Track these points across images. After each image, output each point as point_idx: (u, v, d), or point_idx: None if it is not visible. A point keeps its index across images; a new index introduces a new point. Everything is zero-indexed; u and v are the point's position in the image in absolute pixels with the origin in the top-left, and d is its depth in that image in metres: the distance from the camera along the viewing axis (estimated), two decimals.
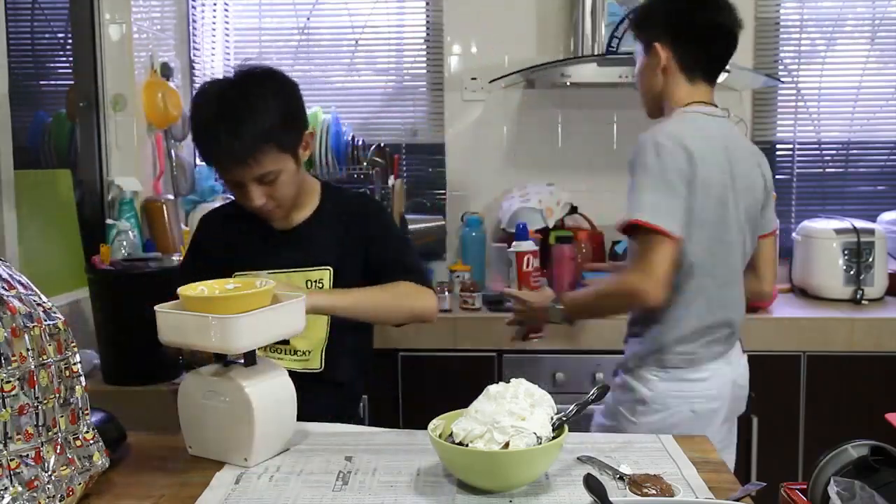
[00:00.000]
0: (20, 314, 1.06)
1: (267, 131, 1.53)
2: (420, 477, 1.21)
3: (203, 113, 1.57)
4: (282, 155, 1.57)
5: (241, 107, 1.53)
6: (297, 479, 1.22)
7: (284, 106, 1.57)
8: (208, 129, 1.55)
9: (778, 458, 2.60)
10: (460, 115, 3.19)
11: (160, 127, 2.84)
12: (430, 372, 2.59)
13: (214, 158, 1.58)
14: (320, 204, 1.73)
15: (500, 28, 3.13)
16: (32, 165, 2.43)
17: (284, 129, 1.56)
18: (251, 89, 1.55)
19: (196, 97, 1.61)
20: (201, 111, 1.57)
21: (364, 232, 1.71)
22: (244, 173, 1.55)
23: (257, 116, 1.52)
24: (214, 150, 1.56)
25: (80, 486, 1.12)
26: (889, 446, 1.02)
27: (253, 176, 1.55)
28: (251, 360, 1.30)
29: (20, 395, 1.04)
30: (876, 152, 3.24)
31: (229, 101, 1.54)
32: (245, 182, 1.57)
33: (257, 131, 1.52)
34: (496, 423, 1.13)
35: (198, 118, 1.58)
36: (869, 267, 2.80)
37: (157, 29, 2.92)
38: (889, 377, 2.57)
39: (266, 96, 1.55)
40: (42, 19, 2.65)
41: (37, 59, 2.71)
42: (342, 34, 3.26)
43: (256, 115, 1.52)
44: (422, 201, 3.23)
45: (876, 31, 3.15)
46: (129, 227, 2.50)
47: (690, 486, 1.16)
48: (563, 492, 1.15)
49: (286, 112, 1.57)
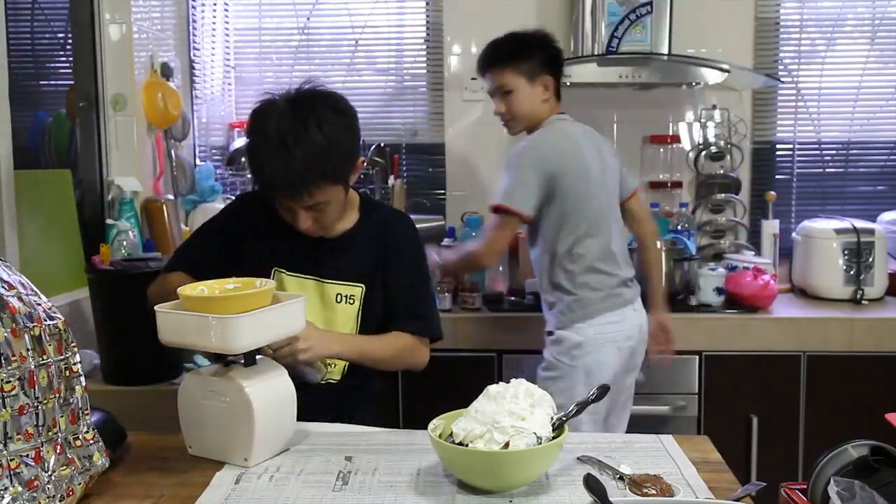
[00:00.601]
0: (20, 314, 1.06)
1: (323, 167, 1.50)
2: (420, 477, 1.21)
3: (260, 137, 1.52)
4: (334, 187, 1.55)
5: (300, 138, 1.48)
6: (297, 479, 1.22)
7: (341, 138, 1.53)
8: (264, 156, 1.51)
9: (778, 458, 2.60)
10: (460, 115, 3.19)
11: (160, 127, 2.84)
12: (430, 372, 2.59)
13: (267, 185, 1.55)
14: (361, 218, 1.71)
15: (500, 28, 3.10)
16: (32, 165, 2.43)
17: (339, 162, 1.54)
18: (310, 117, 1.50)
19: (254, 118, 1.55)
20: (258, 136, 1.53)
21: (392, 255, 1.70)
22: (295, 202, 1.54)
23: (315, 150, 1.48)
24: (269, 179, 1.52)
25: (80, 486, 1.12)
26: (889, 446, 1.02)
27: (303, 205, 1.55)
28: (251, 360, 1.30)
29: (20, 395, 1.04)
30: (876, 152, 3.24)
31: (288, 131, 1.48)
32: (295, 209, 1.56)
33: (313, 165, 1.48)
34: (496, 423, 1.13)
35: (255, 140, 1.54)
36: (869, 267, 2.80)
37: (157, 29, 2.92)
38: (889, 377, 2.58)
39: (323, 126, 1.50)
40: (42, 19, 2.65)
41: (37, 59, 2.71)
42: (342, 34, 3.26)
43: (315, 148, 1.48)
44: (422, 201, 3.23)
45: (876, 31, 3.15)
46: (129, 227, 2.49)
47: (690, 486, 1.16)
48: (563, 492, 1.15)
49: (342, 144, 1.53)
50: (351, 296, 1.67)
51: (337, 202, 1.59)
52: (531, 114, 2.25)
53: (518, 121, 2.27)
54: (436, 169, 3.25)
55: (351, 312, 1.67)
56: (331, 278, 1.67)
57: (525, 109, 2.24)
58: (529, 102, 2.24)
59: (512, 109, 2.25)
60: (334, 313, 1.66)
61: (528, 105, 2.24)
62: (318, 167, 1.50)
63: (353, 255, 1.68)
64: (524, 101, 2.23)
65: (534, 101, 2.24)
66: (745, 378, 2.57)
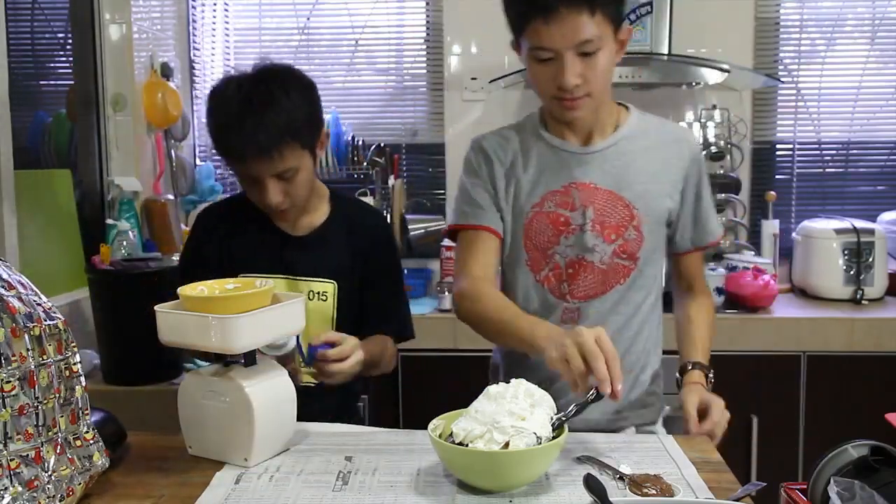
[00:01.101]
0: (20, 314, 1.06)
1: (291, 126, 1.52)
2: (420, 477, 1.21)
3: (226, 106, 1.54)
4: (302, 151, 1.56)
5: (266, 100, 1.51)
6: (297, 479, 1.22)
7: (306, 103, 1.57)
8: (232, 121, 1.52)
9: (778, 458, 2.60)
10: (460, 115, 3.19)
11: (160, 127, 2.84)
12: (430, 372, 2.60)
13: (237, 151, 1.54)
14: (331, 213, 1.72)
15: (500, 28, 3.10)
16: (32, 165, 2.43)
17: (307, 125, 1.56)
18: (274, 84, 1.54)
19: (216, 91, 1.58)
20: (223, 104, 1.55)
21: (367, 255, 1.71)
22: (266, 167, 1.53)
23: (282, 110, 1.51)
24: (238, 142, 1.52)
25: (80, 486, 1.12)
26: (889, 446, 1.02)
27: (274, 171, 1.54)
28: (251, 360, 1.30)
29: (20, 395, 1.04)
30: (876, 152, 3.24)
31: (254, 95, 1.52)
32: (264, 178, 1.55)
33: (282, 124, 1.51)
34: (496, 423, 1.13)
35: (220, 111, 1.56)
36: (869, 267, 2.80)
37: (157, 29, 2.92)
38: (889, 377, 2.58)
39: (289, 92, 1.54)
40: (42, 19, 2.65)
41: (37, 59, 2.71)
42: (342, 34, 3.26)
43: (281, 109, 1.51)
44: (422, 201, 3.23)
45: (876, 31, 3.15)
46: (129, 227, 2.50)
47: (690, 486, 1.16)
48: (563, 492, 1.15)
49: (308, 109, 1.57)
50: (323, 292, 1.67)
51: (306, 171, 1.59)
52: (608, 87, 1.54)
53: (595, 97, 1.48)
54: (436, 169, 3.25)
55: (325, 310, 1.67)
56: (303, 275, 1.66)
57: (608, 79, 1.50)
58: (611, 68, 1.48)
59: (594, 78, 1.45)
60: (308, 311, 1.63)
61: (609, 73, 1.49)
62: (286, 126, 1.51)
63: (326, 251, 1.68)
64: (609, 66, 1.47)
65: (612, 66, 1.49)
66: (745, 378, 2.57)
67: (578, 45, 1.40)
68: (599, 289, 1.57)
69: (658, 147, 1.60)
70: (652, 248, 1.59)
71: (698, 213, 1.63)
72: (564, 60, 1.41)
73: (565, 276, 1.58)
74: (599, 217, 1.55)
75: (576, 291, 1.58)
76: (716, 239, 1.67)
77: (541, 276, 1.59)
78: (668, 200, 1.59)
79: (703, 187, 1.62)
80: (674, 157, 1.60)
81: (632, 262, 1.57)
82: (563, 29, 1.39)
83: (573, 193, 1.56)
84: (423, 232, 2.95)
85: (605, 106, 1.58)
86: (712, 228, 1.66)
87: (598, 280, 1.57)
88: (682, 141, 1.63)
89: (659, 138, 1.61)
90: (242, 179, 1.61)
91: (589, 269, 1.56)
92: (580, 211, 1.55)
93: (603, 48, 1.43)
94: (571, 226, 1.56)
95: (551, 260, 1.58)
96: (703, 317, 1.67)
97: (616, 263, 1.57)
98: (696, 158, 1.62)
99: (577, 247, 1.56)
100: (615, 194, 1.56)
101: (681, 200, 1.61)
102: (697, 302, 1.70)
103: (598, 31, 1.40)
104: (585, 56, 1.42)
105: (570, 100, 1.46)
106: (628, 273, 1.58)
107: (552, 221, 1.57)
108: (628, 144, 1.58)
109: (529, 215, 1.58)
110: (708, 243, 1.66)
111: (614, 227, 1.56)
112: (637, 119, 1.62)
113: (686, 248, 1.66)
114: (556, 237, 1.57)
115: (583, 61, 1.42)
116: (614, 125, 1.60)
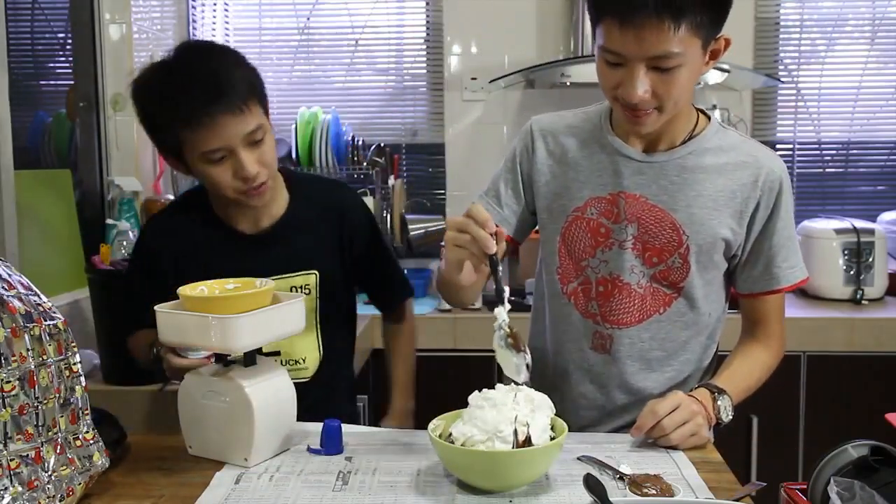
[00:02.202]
0: (20, 314, 1.06)
1: (251, 81, 1.43)
2: (420, 477, 1.21)
3: (174, 78, 1.39)
4: (263, 112, 1.45)
5: (222, 60, 1.42)
6: (297, 479, 1.22)
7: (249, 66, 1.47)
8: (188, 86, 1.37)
9: (778, 458, 2.60)
10: (460, 115, 3.19)
11: None
12: (430, 372, 2.59)
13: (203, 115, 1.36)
14: (291, 200, 1.58)
15: (500, 28, 3.13)
16: (32, 165, 2.43)
17: (260, 84, 1.47)
18: (215, 50, 1.47)
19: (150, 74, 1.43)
20: (170, 79, 1.40)
21: (343, 231, 1.61)
22: (237, 127, 1.38)
23: (238, 68, 1.43)
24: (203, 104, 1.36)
25: (80, 486, 1.12)
26: (889, 446, 1.02)
27: (245, 130, 1.39)
28: (251, 360, 1.30)
29: (20, 395, 1.04)
30: (876, 152, 3.24)
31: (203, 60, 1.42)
32: (236, 146, 1.39)
33: (244, 78, 1.42)
34: (499, 432, 1.12)
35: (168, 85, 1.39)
36: (869, 267, 2.80)
37: (157, 29, 2.92)
38: (889, 377, 2.58)
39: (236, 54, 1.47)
40: (42, 19, 2.65)
41: (37, 59, 2.71)
42: (342, 34, 3.26)
43: (238, 66, 1.43)
44: (422, 201, 3.23)
45: (876, 31, 3.15)
46: (129, 227, 2.49)
47: (690, 486, 1.16)
48: (563, 492, 1.15)
49: (253, 69, 1.47)
50: (305, 286, 1.56)
51: (270, 136, 1.47)
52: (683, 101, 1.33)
53: (667, 112, 1.31)
54: (436, 169, 3.25)
55: (308, 304, 1.53)
56: (278, 273, 1.53)
57: (686, 96, 1.32)
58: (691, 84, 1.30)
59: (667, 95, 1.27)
60: None
61: (689, 89, 1.31)
62: (248, 81, 1.42)
63: (295, 241, 1.56)
64: (689, 83, 1.29)
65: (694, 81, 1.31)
66: None
67: (653, 59, 1.22)
68: (636, 316, 1.41)
69: (728, 168, 1.38)
70: (704, 282, 1.42)
71: (768, 251, 1.40)
72: (634, 72, 1.23)
73: (594, 294, 1.43)
74: (643, 235, 1.38)
75: (608, 315, 1.42)
76: (788, 285, 1.43)
77: (568, 288, 1.46)
78: (726, 231, 1.38)
79: (777, 221, 1.39)
80: (742, 182, 1.38)
81: (674, 290, 1.41)
82: (638, 37, 1.19)
83: (620, 203, 1.39)
84: (423, 232, 2.95)
85: (682, 113, 1.37)
86: (783, 273, 1.41)
87: (636, 306, 1.41)
88: (758, 165, 1.38)
89: (732, 158, 1.39)
90: (205, 163, 1.42)
91: (625, 291, 1.40)
92: (623, 225, 1.39)
93: (687, 65, 1.23)
94: (611, 239, 1.40)
95: (582, 273, 1.43)
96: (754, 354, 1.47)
97: (655, 289, 1.41)
98: (771, 187, 1.38)
99: (612, 264, 1.40)
100: (665, 213, 1.38)
101: (746, 234, 1.40)
102: (756, 342, 1.48)
103: (682, 46, 1.20)
104: (661, 71, 1.23)
105: (634, 113, 1.29)
106: (669, 302, 1.41)
107: (591, 230, 1.41)
108: (695, 160, 1.39)
109: (569, 218, 1.43)
110: (774, 289, 1.43)
111: (657, 250, 1.38)
112: (714, 133, 1.41)
113: (752, 289, 1.44)
114: (593, 249, 1.41)
115: (657, 76, 1.24)
116: (686, 136, 1.40)
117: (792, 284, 1.43)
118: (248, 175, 1.42)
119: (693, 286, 1.41)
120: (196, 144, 1.40)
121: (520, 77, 3.01)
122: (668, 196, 1.38)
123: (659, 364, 1.45)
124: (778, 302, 1.46)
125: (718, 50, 1.31)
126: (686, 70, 1.24)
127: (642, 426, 1.29)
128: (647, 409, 1.30)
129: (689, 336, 1.45)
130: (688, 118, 1.40)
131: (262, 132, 1.43)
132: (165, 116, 1.41)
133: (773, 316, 1.47)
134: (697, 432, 1.29)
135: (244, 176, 1.42)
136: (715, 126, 1.43)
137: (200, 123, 1.37)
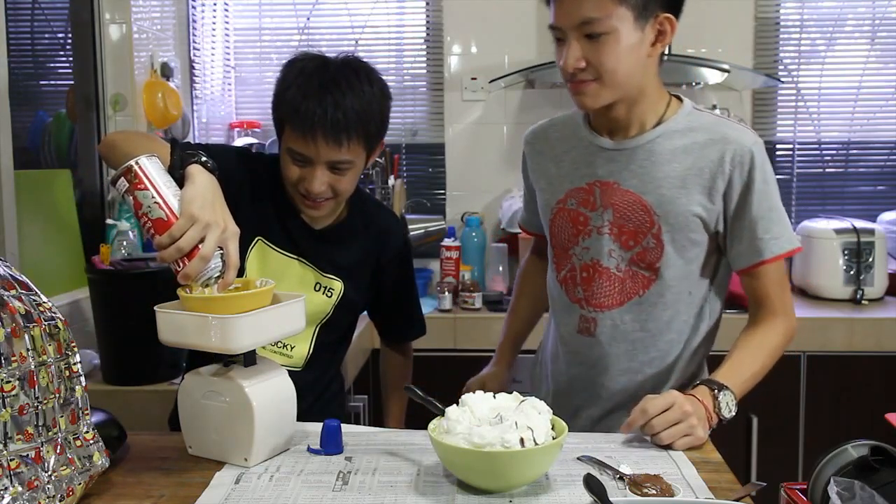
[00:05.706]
0: (20, 314, 1.06)
1: (364, 117, 1.45)
2: (420, 477, 1.21)
3: (309, 79, 1.45)
4: (362, 150, 1.50)
5: (352, 85, 1.45)
6: (297, 479, 1.22)
7: (382, 103, 1.51)
8: (312, 94, 1.43)
9: (778, 458, 2.60)
10: (460, 115, 3.19)
11: (160, 127, 2.84)
12: (430, 372, 2.59)
13: (307, 126, 1.42)
14: (350, 210, 1.65)
15: (500, 28, 3.13)
16: (32, 165, 2.43)
17: (376, 123, 1.50)
18: (361, 74, 1.48)
19: (298, 62, 1.49)
20: (307, 77, 1.45)
21: (382, 256, 1.68)
22: (327, 151, 1.44)
23: (362, 100, 1.45)
24: (311, 117, 1.42)
25: (80, 486, 1.12)
26: (889, 446, 1.02)
27: (331, 158, 1.45)
28: (251, 360, 1.30)
29: (20, 395, 1.04)
30: (876, 152, 3.24)
31: (340, 77, 1.45)
32: (317, 162, 1.46)
33: (359, 111, 1.44)
34: (506, 442, 1.12)
35: (302, 81, 1.45)
36: (869, 267, 2.80)
37: (157, 29, 2.92)
38: (889, 377, 2.58)
39: (372, 85, 1.48)
40: (42, 19, 2.65)
41: (37, 59, 2.71)
42: (342, 34, 3.26)
43: (362, 98, 1.45)
44: (422, 201, 3.24)
45: (876, 31, 3.15)
46: (129, 227, 2.49)
47: (690, 486, 1.16)
48: (563, 492, 1.15)
49: (381, 108, 1.50)
50: (330, 288, 1.62)
51: (356, 172, 1.52)
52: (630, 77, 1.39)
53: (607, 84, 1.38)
54: (436, 169, 3.25)
55: (325, 305, 1.62)
56: (316, 265, 1.61)
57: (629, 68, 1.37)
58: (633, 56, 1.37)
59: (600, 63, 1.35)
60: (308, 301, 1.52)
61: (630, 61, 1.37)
62: (360, 116, 1.44)
63: (341, 248, 1.63)
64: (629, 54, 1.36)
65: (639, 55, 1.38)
66: None
67: (581, 26, 1.33)
68: (617, 299, 1.46)
69: (695, 147, 1.42)
70: (684, 262, 1.44)
71: (749, 225, 1.41)
72: (567, 41, 1.36)
73: (579, 280, 1.51)
74: (618, 220, 1.44)
75: (591, 299, 1.49)
76: (773, 256, 1.42)
77: (561, 275, 1.55)
78: (697, 207, 1.41)
79: (752, 194, 1.40)
80: (710, 159, 1.40)
81: (651, 272, 1.45)
82: (565, 6, 1.34)
83: (595, 192, 1.47)
84: (423, 232, 2.96)
85: (647, 98, 1.43)
86: (766, 245, 1.41)
87: (616, 289, 1.46)
88: (726, 141, 1.41)
89: (700, 137, 1.42)
90: (293, 157, 1.49)
91: (605, 275, 1.46)
92: (599, 212, 1.46)
93: (614, 32, 1.33)
94: (589, 226, 1.47)
95: (569, 261, 1.52)
96: (755, 340, 1.45)
97: (634, 272, 1.45)
98: (741, 161, 1.39)
99: (592, 250, 1.47)
100: (637, 196, 1.43)
101: (723, 210, 1.42)
102: (756, 326, 1.47)
103: (605, 10, 1.31)
104: (590, 39, 1.34)
105: (573, 83, 1.39)
106: (648, 284, 1.45)
107: (572, 220, 1.50)
108: (664, 143, 1.43)
109: (554, 210, 1.53)
110: (763, 260, 1.42)
111: (632, 232, 1.44)
112: (686, 115, 1.45)
113: (741, 265, 1.45)
114: (575, 237, 1.49)
115: (588, 44, 1.34)
116: (657, 121, 1.45)
117: (777, 255, 1.43)
118: (311, 190, 1.48)
119: (669, 266, 1.45)
120: (289, 138, 1.48)
121: (520, 77, 3.02)
122: (637, 180, 1.44)
123: (643, 345, 1.49)
124: (773, 276, 1.45)
125: (665, 32, 1.39)
126: (616, 39, 1.33)
127: (632, 424, 1.30)
128: (639, 406, 1.31)
129: (671, 316, 1.48)
130: (657, 103, 1.45)
131: (350, 166, 1.49)
132: (288, 99, 1.46)
133: (772, 291, 1.46)
134: (691, 433, 1.29)
135: (307, 188, 1.49)
136: (687, 109, 1.47)
137: (301, 128, 1.44)
